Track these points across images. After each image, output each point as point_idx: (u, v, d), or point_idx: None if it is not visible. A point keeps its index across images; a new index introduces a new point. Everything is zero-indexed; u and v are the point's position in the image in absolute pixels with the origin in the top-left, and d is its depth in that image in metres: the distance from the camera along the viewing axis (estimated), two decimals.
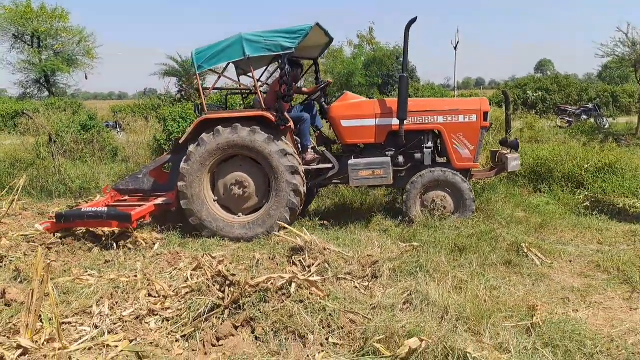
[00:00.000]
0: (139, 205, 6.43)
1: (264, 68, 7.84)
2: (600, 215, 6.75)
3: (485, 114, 6.56)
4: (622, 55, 15.45)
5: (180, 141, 6.66)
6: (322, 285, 4.19)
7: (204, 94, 6.54)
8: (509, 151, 6.76)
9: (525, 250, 5.25)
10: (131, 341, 3.55)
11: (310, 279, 4.13)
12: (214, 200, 6.42)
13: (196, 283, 4.20)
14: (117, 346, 3.46)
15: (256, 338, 3.53)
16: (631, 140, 13.67)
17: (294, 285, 3.91)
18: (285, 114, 6.32)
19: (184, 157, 6.36)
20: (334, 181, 6.95)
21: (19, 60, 32.77)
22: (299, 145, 6.72)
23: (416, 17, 6.32)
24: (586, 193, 7.36)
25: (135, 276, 4.65)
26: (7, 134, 20.00)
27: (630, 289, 4.44)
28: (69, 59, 33.45)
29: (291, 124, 6.43)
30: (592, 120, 17.96)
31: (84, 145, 11.40)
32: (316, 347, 3.42)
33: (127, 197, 7.12)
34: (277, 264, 4.91)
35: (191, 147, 6.32)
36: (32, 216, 7.21)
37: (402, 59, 6.33)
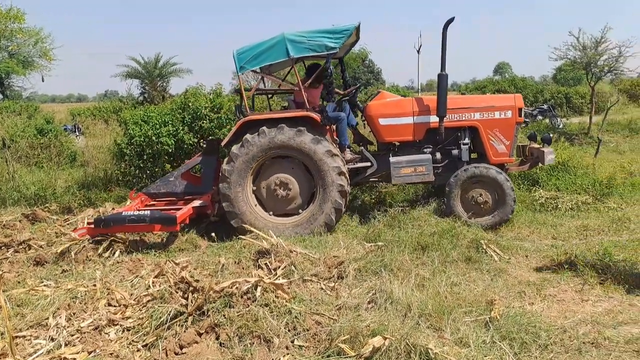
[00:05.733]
0: (177, 209, 6.32)
1: (289, 69, 7.82)
2: (554, 211, 7.00)
3: (520, 109, 6.69)
4: (574, 59, 16.04)
5: (223, 143, 6.61)
6: (288, 288, 4.20)
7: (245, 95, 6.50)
8: (541, 145, 6.88)
9: (484, 247, 5.41)
10: (90, 353, 3.47)
11: (276, 282, 4.13)
12: (252, 191, 6.44)
13: (158, 290, 4.13)
14: (74, 359, 3.37)
15: (221, 344, 3.50)
16: (583, 139, 14.21)
17: (259, 288, 3.90)
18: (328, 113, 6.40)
19: (227, 158, 6.31)
20: (371, 179, 6.98)
21: None
22: (337, 145, 6.71)
23: (453, 17, 6.38)
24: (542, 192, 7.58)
25: (94, 285, 4.52)
26: None
27: (581, 282, 4.63)
28: (25, 61, 32.29)
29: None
30: (547, 120, 18.58)
31: (41, 150, 11.06)
32: (281, 350, 3.42)
33: (154, 202, 7.01)
34: (243, 268, 4.88)
35: (234, 148, 6.27)
36: None
37: (441, 58, 6.34)
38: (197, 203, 6.48)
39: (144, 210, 6.29)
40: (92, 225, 5.91)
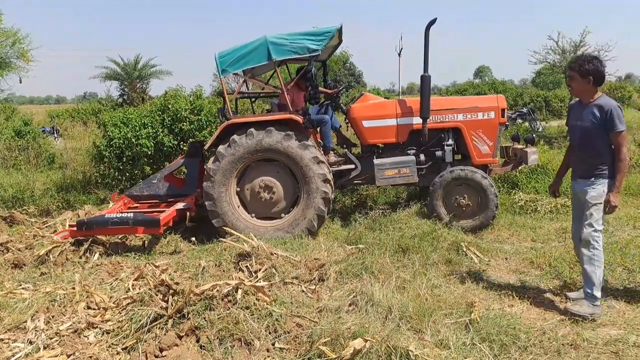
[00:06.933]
0: (160, 211, 6.26)
1: (272, 72, 7.79)
2: (534, 214, 7.10)
3: (503, 110, 6.71)
4: (553, 62, 16.32)
5: (206, 147, 6.56)
6: (269, 291, 4.19)
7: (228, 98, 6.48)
8: (525, 146, 6.91)
9: (465, 249, 5.46)
10: (69, 356, 3.42)
11: (257, 284, 4.11)
12: (236, 192, 6.39)
13: (138, 293, 4.08)
14: None
15: (201, 347, 3.48)
16: (562, 142, 14.43)
17: (240, 291, 3.87)
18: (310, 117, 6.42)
19: (212, 158, 6.27)
20: (355, 182, 6.98)
21: None
22: (321, 148, 6.70)
23: (436, 18, 6.37)
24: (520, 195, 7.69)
25: (73, 288, 4.45)
26: None
27: (560, 284, 4.71)
28: (2, 62, 31.67)
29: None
30: (526, 123, 18.86)
31: (18, 152, 10.90)
32: (262, 352, 3.42)
33: (137, 204, 6.93)
34: (224, 271, 4.85)
35: (221, 148, 6.22)
36: None
37: (424, 59, 6.43)
38: (180, 205, 6.43)
39: (127, 212, 6.22)
40: (75, 228, 5.82)
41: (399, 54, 21.14)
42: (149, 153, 8.35)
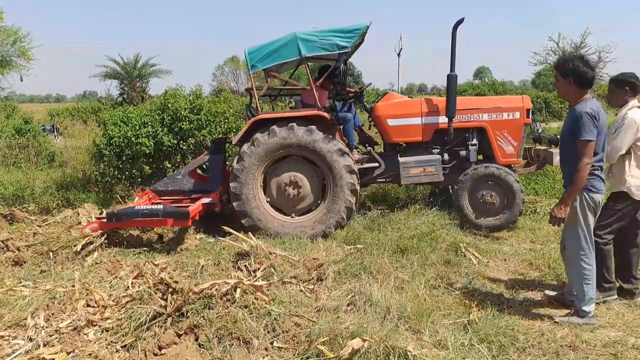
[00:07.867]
0: (185, 207, 6.27)
1: (293, 70, 7.90)
2: (533, 215, 7.11)
3: (528, 111, 6.71)
4: (553, 63, 16.35)
5: (234, 142, 6.61)
6: (268, 290, 4.20)
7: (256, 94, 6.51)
8: (548, 147, 6.91)
9: (463, 250, 5.47)
10: (68, 353, 3.43)
11: (256, 283, 4.12)
12: (263, 190, 6.43)
13: (137, 291, 4.09)
14: (53, 359, 3.34)
15: (200, 345, 3.49)
16: None
17: (238, 290, 3.88)
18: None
19: (236, 158, 6.31)
20: (378, 180, 6.99)
21: None
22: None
23: (463, 18, 6.36)
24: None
25: (73, 286, 4.47)
26: None
27: (560, 285, 4.71)
28: (3, 60, 31.70)
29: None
30: None
31: (19, 150, 10.90)
32: (260, 351, 3.43)
33: (160, 199, 6.98)
34: (222, 270, 4.86)
35: (245, 147, 6.25)
36: None
37: (450, 59, 6.45)
38: (206, 200, 6.46)
39: (156, 205, 6.27)
40: (104, 220, 5.87)
41: (399, 54, 21.19)
42: (149, 152, 8.35)
